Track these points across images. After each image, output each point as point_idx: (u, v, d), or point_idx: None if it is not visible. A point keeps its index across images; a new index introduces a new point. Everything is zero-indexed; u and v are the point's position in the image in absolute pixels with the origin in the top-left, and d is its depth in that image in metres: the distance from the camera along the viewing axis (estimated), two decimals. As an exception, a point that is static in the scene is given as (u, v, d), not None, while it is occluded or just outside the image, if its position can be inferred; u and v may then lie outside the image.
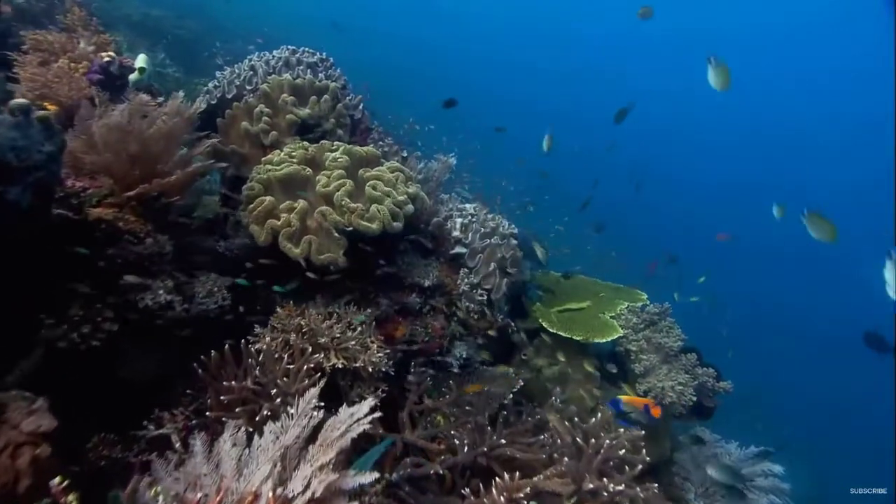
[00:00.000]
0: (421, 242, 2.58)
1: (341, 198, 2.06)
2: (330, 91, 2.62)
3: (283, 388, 1.51)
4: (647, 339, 2.90)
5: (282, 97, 2.45)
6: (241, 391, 1.52)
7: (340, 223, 2.05)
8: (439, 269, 2.59)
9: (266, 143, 2.41)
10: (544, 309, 3.20)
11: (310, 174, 2.20)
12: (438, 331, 2.53)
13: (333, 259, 2.03)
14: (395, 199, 2.19)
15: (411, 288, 2.48)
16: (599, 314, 3.03)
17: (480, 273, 2.66)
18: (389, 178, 2.27)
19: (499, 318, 2.87)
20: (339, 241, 2.07)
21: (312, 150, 2.33)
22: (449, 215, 2.82)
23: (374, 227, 2.07)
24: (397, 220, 2.17)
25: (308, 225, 2.10)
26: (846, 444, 9.33)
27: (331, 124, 2.60)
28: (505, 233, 2.86)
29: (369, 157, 2.44)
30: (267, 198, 2.04)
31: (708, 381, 2.73)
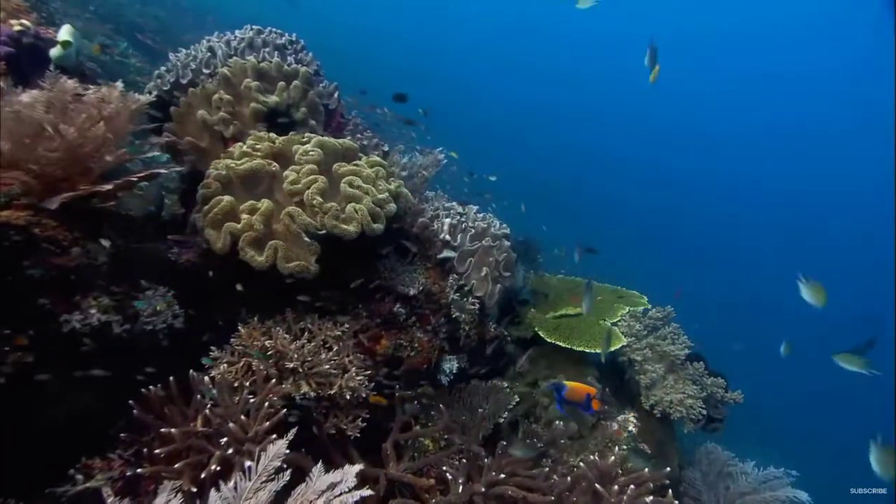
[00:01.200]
0: (405, 245, 2.31)
1: (313, 196, 1.78)
2: (301, 76, 2.33)
3: (237, 434, 1.23)
4: (651, 346, 2.68)
5: (245, 82, 2.16)
6: (186, 438, 1.23)
7: (312, 225, 1.77)
8: (426, 275, 2.32)
9: (227, 135, 2.11)
10: (539, 315, 2.96)
11: (276, 170, 1.91)
12: (426, 344, 2.27)
13: (304, 267, 1.75)
14: (375, 197, 1.92)
15: (395, 297, 2.21)
16: (599, 321, 2.80)
17: (471, 279, 2.40)
18: (368, 173, 1.99)
19: (492, 328, 2.62)
20: (311, 247, 1.79)
21: (280, 143, 2.05)
22: (436, 215, 2.55)
23: (351, 230, 1.79)
24: (378, 221, 1.90)
25: (274, 228, 1.81)
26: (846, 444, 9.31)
27: (302, 114, 2.31)
28: (497, 233, 2.61)
29: (346, 151, 2.16)
30: (225, 197, 1.75)
31: (717, 392, 2.52)
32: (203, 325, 1.89)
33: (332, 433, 1.71)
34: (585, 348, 2.50)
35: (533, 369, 2.76)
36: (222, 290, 1.90)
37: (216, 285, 1.92)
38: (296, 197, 1.82)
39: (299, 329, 1.87)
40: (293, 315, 1.90)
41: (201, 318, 1.88)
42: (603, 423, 2.57)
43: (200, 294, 1.90)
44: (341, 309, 2.11)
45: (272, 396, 1.41)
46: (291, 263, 1.73)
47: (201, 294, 1.90)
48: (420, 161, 2.75)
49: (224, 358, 1.61)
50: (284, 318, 1.91)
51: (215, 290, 1.90)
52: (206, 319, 1.90)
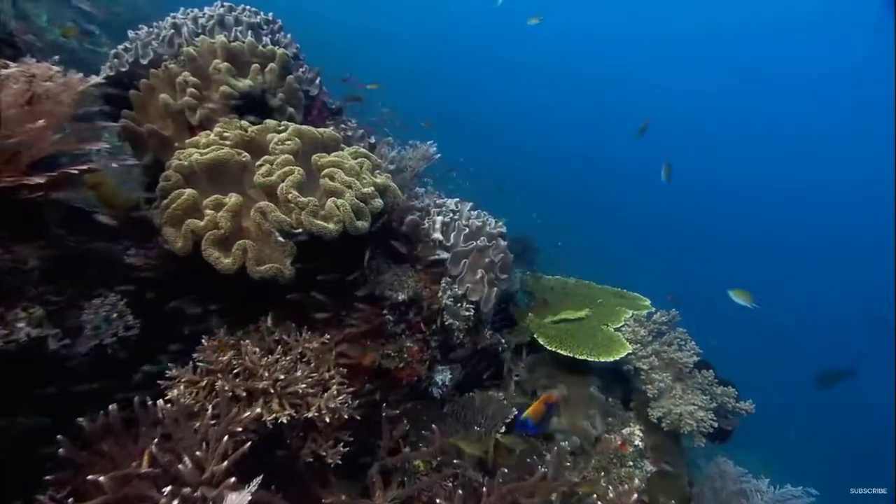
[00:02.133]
0: (393, 246, 2.11)
1: (288, 190, 1.56)
2: (278, 59, 2.11)
3: (189, 476, 1.01)
4: (657, 353, 2.50)
5: (214, 64, 1.93)
6: (122, 484, 1.01)
7: (286, 223, 1.55)
8: (416, 278, 2.12)
9: (194, 122, 1.88)
10: (537, 319, 2.77)
11: (248, 160, 1.69)
12: (416, 355, 2.06)
13: (277, 271, 1.54)
14: (359, 191, 1.70)
15: (382, 303, 2.00)
16: (602, 326, 2.61)
17: (466, 282, 2.20)
18: (352, 165, 1.78)
19: (487, 335, 2.42)
20: (285, 248, 1.58)
21: (253, 131, 1.82)
22: (426, 212, 2.34)
23: (332, 228, 1.58)
24: (362, 218, 1.69)
25: (244, 226, 1.59)
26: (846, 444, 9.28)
27: (279, 100, 2.09)
28: (492, 232, 2.41)
29: (326, 141, 1.95)
30: (187, 191, 1.53)
31: (728, 402, 2.35)
32: (165, 337, 1.67)
33: (309, 462, 1.50)
34: (588, 357, 2.31)
35: (531, 378, 2.57)
36: (187, 297, 1.68)
37: (179, 291, 1.69)
38: (269, 191, 1.60)
39: (273, 341, 1.65)
40: (267, 324, 1.68)
41: (162, 330, 1.66)
42: (607, 436, 2.38)
43: (162, 301, 1.67)
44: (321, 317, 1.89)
45: (236, 426, 1.19)
46: (263, 266, 1.51)
47: (163, 301, 1.68)
48: (410, 154, 2.54)
49: (183, 376, 1.39)
50: (258, 327, 1.69)
51: (179, 296, 1.67)
52: (168, 330, 1.68)
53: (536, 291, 3.15)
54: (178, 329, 1.69)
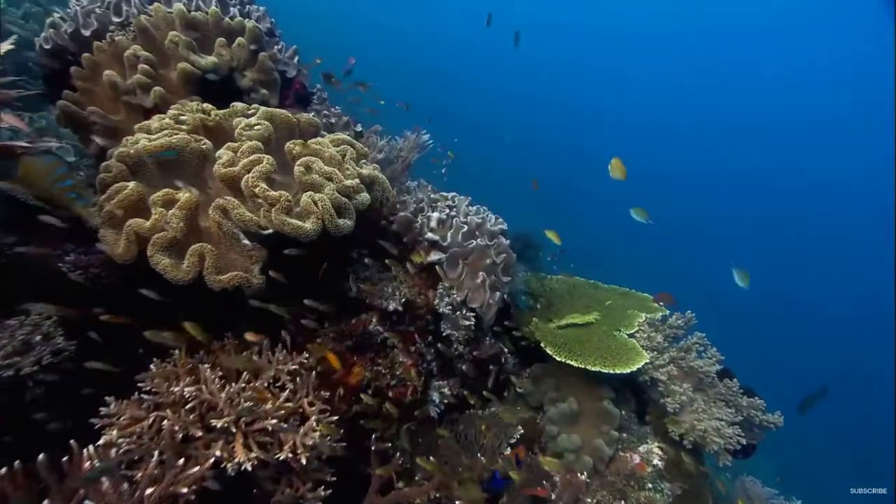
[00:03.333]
0: (383, 247, 1.85)
1: (254, 182, 1.30)
2: (248, 33, 1.84)
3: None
4: (675, 361, 2.27)
5: (171, 36, 1.65)
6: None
7: (253, 222, 1.29)
8: (409, 283, 1.86)
9: (147, 105, 1.61)
10: (542, 324, 2.52)
11: (207, 149, 1.42)
12: (410, 370, 1.81)
13: (243, 280, 1.27)
14: (341, 184, 1.44)
15: (370, 313, 1.75)
16: (614, 332, 2.37)
17: (465, 287, 1.95)
18: (332, 154, 1.52)
19: (488, 344, 2.18)
20: (253, 252, 1.32)
21: (217, 115, 1.56)
22: (419, 208, 2.09)
23: (309, 228, 1.32)
24: (344, 216, 1.43)
25: (202, 227, 1.33)
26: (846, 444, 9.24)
27: (249, 80, 1.82)
28: (493, 230, 2.16)
29: (304, 127, 1.68)
30: (130, 184, 1.26)
31: (755, 416, 2.13)
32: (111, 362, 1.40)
33: (282, 509, 1.25)
34: (602, 368, 2.07)
35: (537, 390, 2.33)
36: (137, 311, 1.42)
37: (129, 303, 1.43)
38: (232, 184, 1.33)
39: (246, 361, 1.39)
40: (233, 343, 1.42)
41: (106, 353, 1.39)
42: (622, 454, 2.15)
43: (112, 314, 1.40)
44: (300, 330, 1.64)
45: (182, 486, 0.93)
46: (225, 275, 1.25)
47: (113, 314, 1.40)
48: (400, 144, 2.28)
49: (123, 413, 1.13)
50: (222, 346, 1.43)
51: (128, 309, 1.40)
52: (115, 354, 1.41)
53: (539, 292, 2.91)
54: (128, 350, 1.43)
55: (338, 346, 1.68)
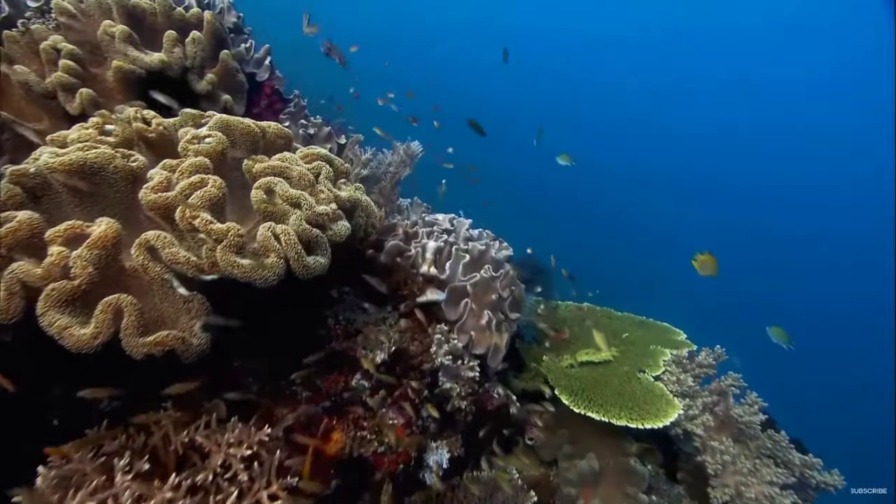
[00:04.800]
0: (369, 283, 1.53)
1: (194, 212, 0.98)
2: (206, 26, 1.53)
3: None
4: (709, 408, 1.96)
5: (104, 27, 1.34)
6: None
7: (191, 265, 0.97)
8: (400, 327, 1.54)
9: (73, 111, 1.29)
10: (553, 362, 2.21)
11: (139, 167, 1.10)
12: (402, 433, 1.48)
13: (178, 342, 0.95)
14: (313, 210, 1.13)
15: (353, 366, 1.43)
16: (637, 373, 2.06)
17: (468, 330, 1.63)
18: (302, 173, 1.20)
19: (495, 393, 1.85)
20: (192, 304, 0.99)
21: (160, 125, 1.24)
22: (413, 232, 1.77)
23: (267, 274, 1.00)
24: (317, 252, 1.11)
25: (124, 268, 1.00)
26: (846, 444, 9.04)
27: (207, 83, 1.51)
28: (498, 258, 1.85)
29: (270, 139, 1.37)
30: (20, 214, 0.93)
31: (811, 478, 1.81)
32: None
33: None
34: (630, 422, 1.76)
35: (549, 442, 2.01)
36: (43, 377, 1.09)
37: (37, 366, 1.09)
38: (165, 213, 1.01)
39: (179, 444, 1.06)
40: (170, 418, 1.09)
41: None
42: (652, 523, 1.83)
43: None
44: (264, 392, 1.31)
45: None
46: (150, 336, 0.92)
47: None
48: (388, 157, 1.98)
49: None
50: (157, 421, 1.10)
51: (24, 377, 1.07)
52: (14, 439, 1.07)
53: (547, 322, 2.59)
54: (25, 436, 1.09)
55: (314, 408, 1.35)
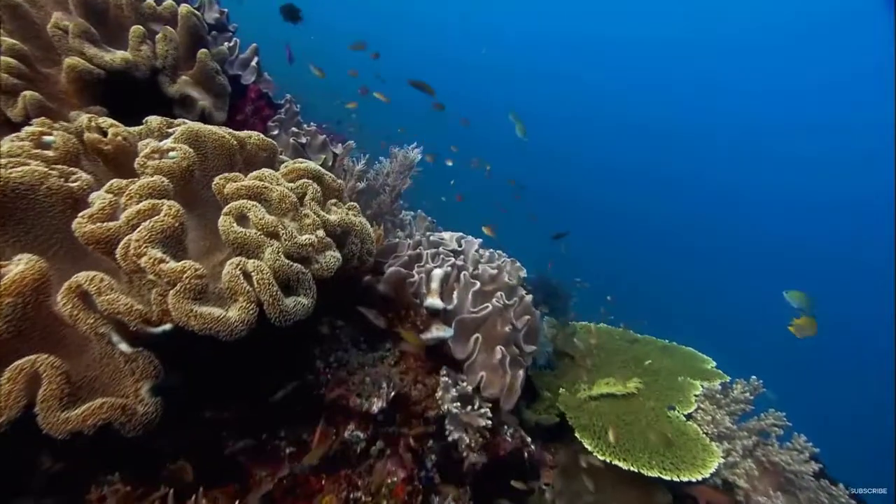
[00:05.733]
0: (364, 316, 1.33)
1: (141, 247, 0.78)
2: (181, 21, 1.34)
3: None
4: (750, 451, 1.74)
5: (54, 20, 1.15)
6: None
7: (135, 314, 0.76)
8: (400, 367, 1.34)
9: (15, 117, 1.10)
10: (570, 394, 2.00)
11: (79, 188, 0.91)
12: (401, 491, 1.27)
13: (116, 412, 0.75)
14: (294, 241, 0.93)
15: (346, 415, 1.22)
16: (665, 410, 1.84)
17: (478, 369, 1.42)
18: (283, 194, 1.00)
19: (508, 434, 1.64)
20: (136, 364, 0.79)
21: (117, 135, 1.04)
22: (416, 255, 1.57)
23: (234, 319, 0.80)
24: (299, 292, 0.91)
25: (56, 315, 0.80)
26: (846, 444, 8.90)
27: (181, 86, 1.31)
28: (511, 283, 1.64)
29: (250, 150, 1.17)
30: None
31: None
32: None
33: None
34: (662, 473, 1.54)
35: (567, 490, 1.79)
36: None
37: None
38: (106, 249, 0.81)
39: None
40: (116, 496, 0.88)
41: None
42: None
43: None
44: (237, 446, 1.11)
45: None
46: (76, 410, 0.72)
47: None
48: (386, 166, 1.78)
49: None
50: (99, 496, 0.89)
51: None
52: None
53: (560, 345, 2.39)
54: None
55: (297, 468, 1.15)
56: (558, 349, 2.32)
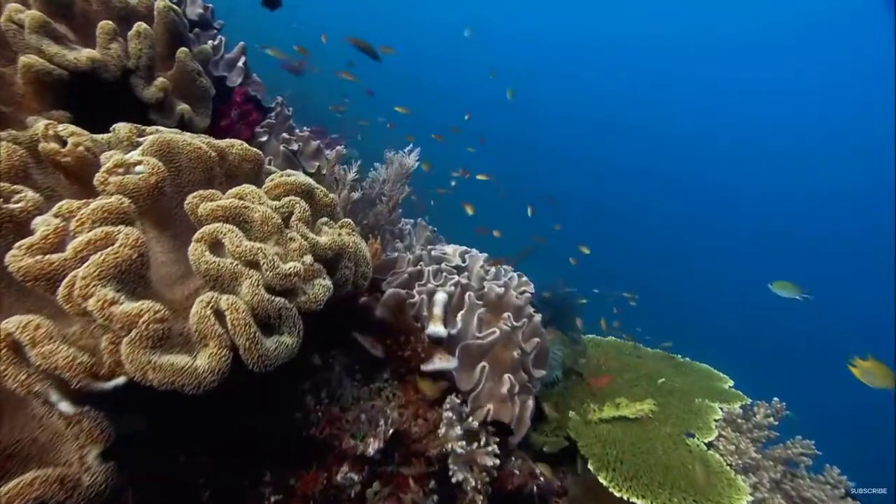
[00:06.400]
0: (360, 344, 1.20)
1: (89, 286, 0.65)
2: (158, 15, 1.21)
3: None
4: (777, 484, 1.62)
5: (9, 12, 1.02)
6: None
7: (80, 368, 0.63)
8: (399, 401, 1.21)
9: (-37, 126, 0.96)
10: (579, 417, 1.88)
11: (21, 209, 0.77)
12: (400, 540, 1.15)
13: (51, 487, 0.62)
14: (277, 271, 0.80)
15: (338, 457, 1.10)
16: (684, 437, 1.72)
17: (484, 401, 1.29)
18: (265, 214, 0.87)
19: (516, 468, 1.52)
20: (80, 426, 0.66)
21: (78, 145, 0.91)
22: (417, 272, 1.44)
23: (202, 376, 0.67)
24: (282, 330, 0.79)
25: (-13, 370, 0.67)
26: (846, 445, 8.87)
27: (155, 90, 1.18)
28: (519, 303, 1.51)
29: (232, 162, 1.04)
30: None
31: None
32: None
33: None
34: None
35: (579, 522, 1.66)
36: None
37: None
38: (47, 289, 0.68)
39: None
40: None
41: None
42: None
43: None
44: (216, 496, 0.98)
45: None
46: (9, 484, 0.59)
47: None
48: (381, 174, 1.65)
49: None
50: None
51: None
52: None
53: (569, 363, 2.26)
54: None
55: (281, 521, 1.02)
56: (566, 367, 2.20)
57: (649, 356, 2.44)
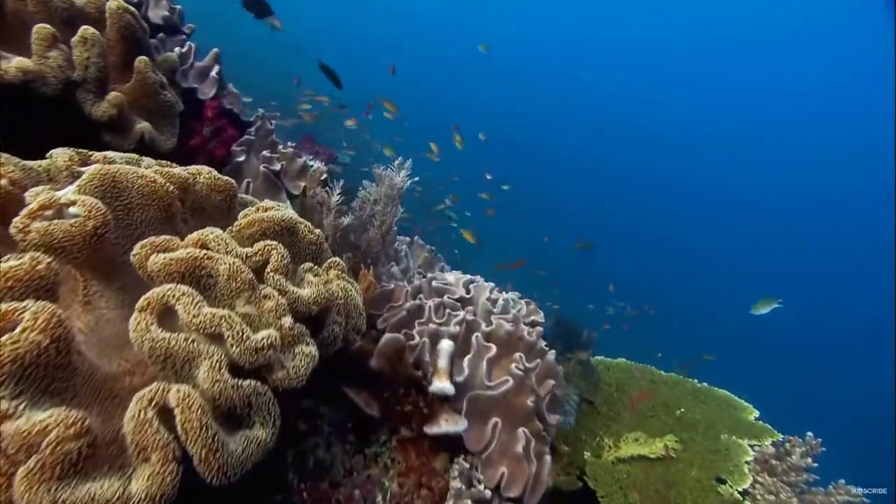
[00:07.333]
0: (355, 403, 1.02)
1: (-21, 392, 0.47)
2: (110, 18, 1.03)
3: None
4: (815, 535, 1.46)
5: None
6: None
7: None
8: (400, 467, 1.04)
9: None
10: (593, 455, 1.71)
11: None
12: None
13: None
14: (245, 344, 0.62)
15: (326, 545, 0.92)
16: (713, 482, 1.56)
17: (496, 461, 1.12)
18: (233, 267, 0.69)
19: (529, 527, 1.35)
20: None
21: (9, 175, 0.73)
22: (417, 307, 1.27)
23: (136, 496, 0.49)
24: (251, 424, 0.61)
25: None
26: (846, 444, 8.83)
27: (108, 107, 1.00)
28: (530, 340, 1.34)
29: (200, 193, 0.87)
30: None
31: None
32: None
33: None
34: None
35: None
36: None
37: None
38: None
39: None
40: None
41: None
42: None
43: None
44: None
45: None
46: None
47: None
48: (372, 193, 1.47)
49: None
50: None
51: None
52: None
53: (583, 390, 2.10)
54: None
55: None
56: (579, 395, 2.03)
57: (663, 381, 2.28)
